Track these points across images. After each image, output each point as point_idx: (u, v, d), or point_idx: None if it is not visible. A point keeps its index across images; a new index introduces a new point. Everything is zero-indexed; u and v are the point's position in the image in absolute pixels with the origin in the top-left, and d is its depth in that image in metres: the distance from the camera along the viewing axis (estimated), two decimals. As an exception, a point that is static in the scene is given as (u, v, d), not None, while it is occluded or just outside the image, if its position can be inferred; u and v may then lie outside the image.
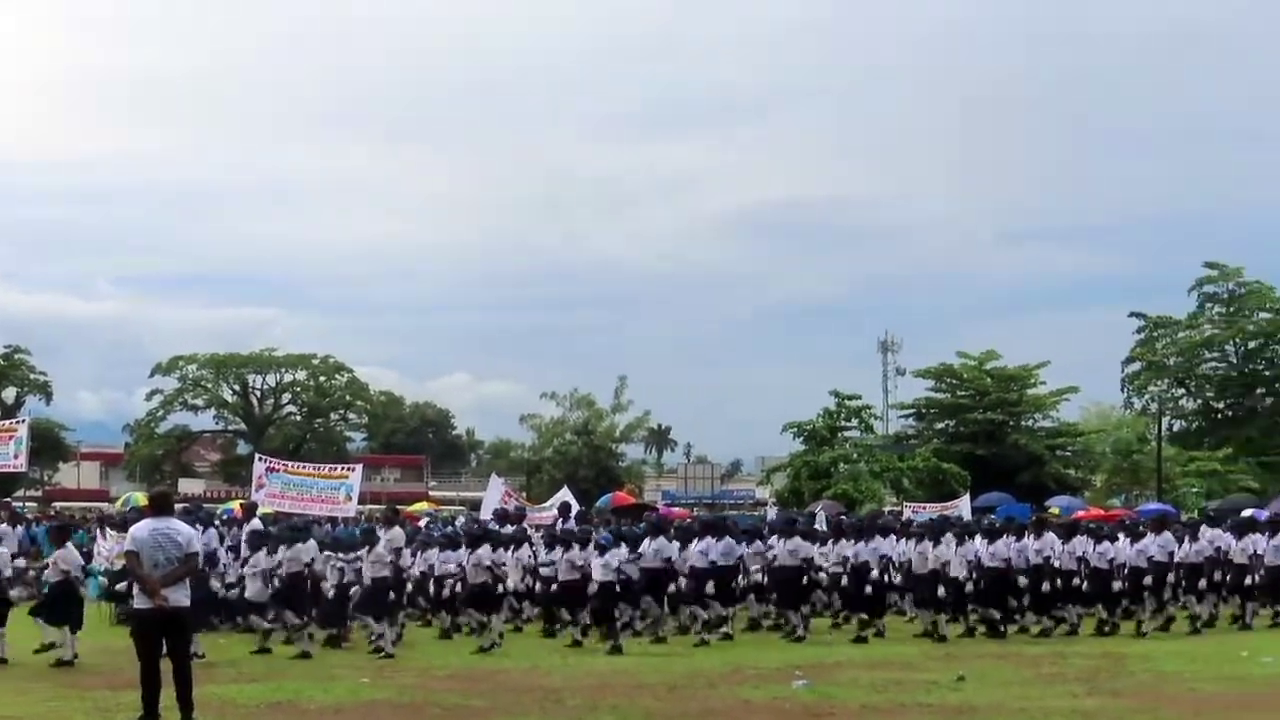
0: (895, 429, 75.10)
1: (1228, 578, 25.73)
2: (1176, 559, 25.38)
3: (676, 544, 24.42)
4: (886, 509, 53.60)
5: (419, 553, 24.36)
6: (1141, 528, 27.56)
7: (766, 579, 24.65)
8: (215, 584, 22.35)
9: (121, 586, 21.85)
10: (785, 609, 24.42)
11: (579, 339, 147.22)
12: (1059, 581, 24.33)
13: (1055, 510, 43.30)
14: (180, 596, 13.82)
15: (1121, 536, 26.31)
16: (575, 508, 31.23)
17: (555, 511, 30.98)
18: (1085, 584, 24.55)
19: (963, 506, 41.02)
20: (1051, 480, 63.66)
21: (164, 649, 13.77)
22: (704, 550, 23.79)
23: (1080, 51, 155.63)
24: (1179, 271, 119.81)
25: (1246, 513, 34.00)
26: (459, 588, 23.16)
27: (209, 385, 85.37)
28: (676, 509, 61.40)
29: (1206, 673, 18.45)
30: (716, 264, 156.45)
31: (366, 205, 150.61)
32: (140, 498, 45.49)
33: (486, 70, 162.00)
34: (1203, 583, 25.55)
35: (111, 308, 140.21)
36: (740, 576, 24.62)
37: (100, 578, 24.34)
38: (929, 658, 20.65)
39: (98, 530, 27.38)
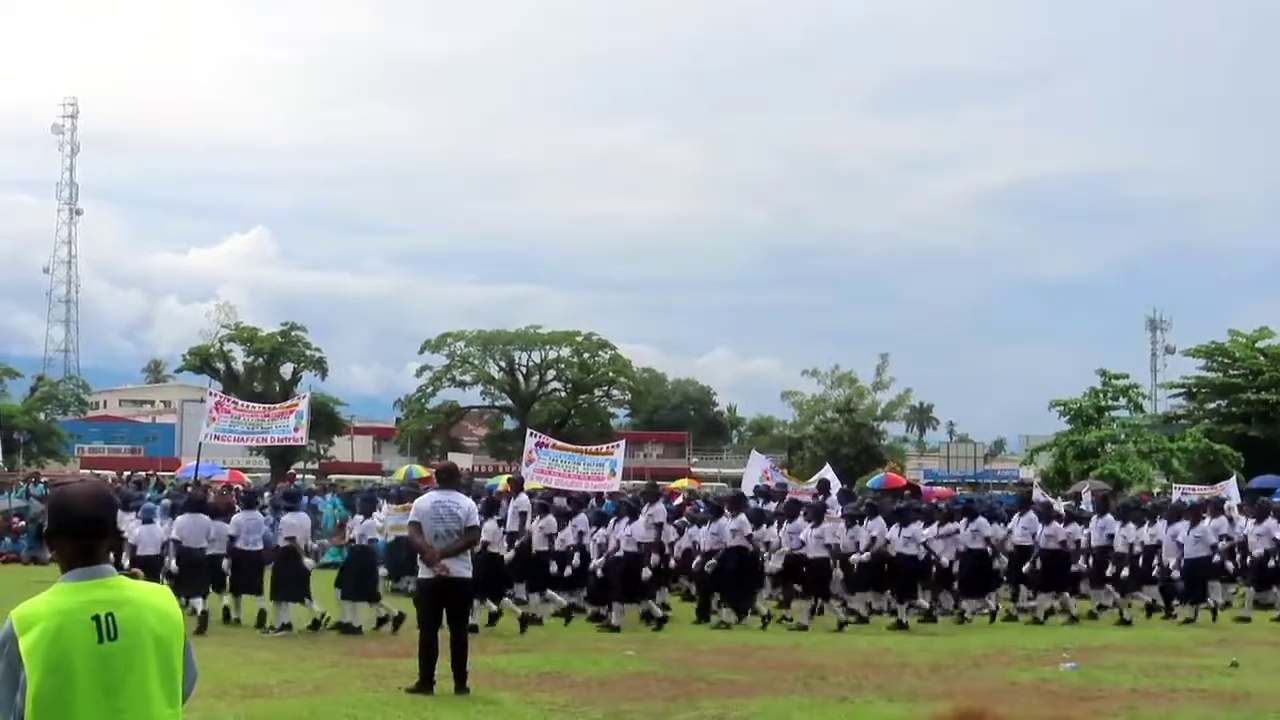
0: (1164, 409, 73.29)
1: None
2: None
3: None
4: (1155, 490, 52.50)
5: (684, 529, 24.68)
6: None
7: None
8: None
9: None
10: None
11: (840, 315, 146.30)
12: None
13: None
14: (461, 568, 14.28)
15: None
16: (836, 485, 31.21)
17: (815, 488, 31.05)
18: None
19: (1230, 489, 39.45)
20: (1330, 463, 61.42)
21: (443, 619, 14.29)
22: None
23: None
24: None
25: None
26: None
27: (476, 362, 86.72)
28: (938, 488, 60.93)
29: None
30: (980, 240, 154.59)
31: (626, 184, 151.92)
32: (420, 470, 46.97)
33: (757, 49, 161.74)
34: None
35: (383, 284, 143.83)
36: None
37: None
38: (1200, 642, 20.27)
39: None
